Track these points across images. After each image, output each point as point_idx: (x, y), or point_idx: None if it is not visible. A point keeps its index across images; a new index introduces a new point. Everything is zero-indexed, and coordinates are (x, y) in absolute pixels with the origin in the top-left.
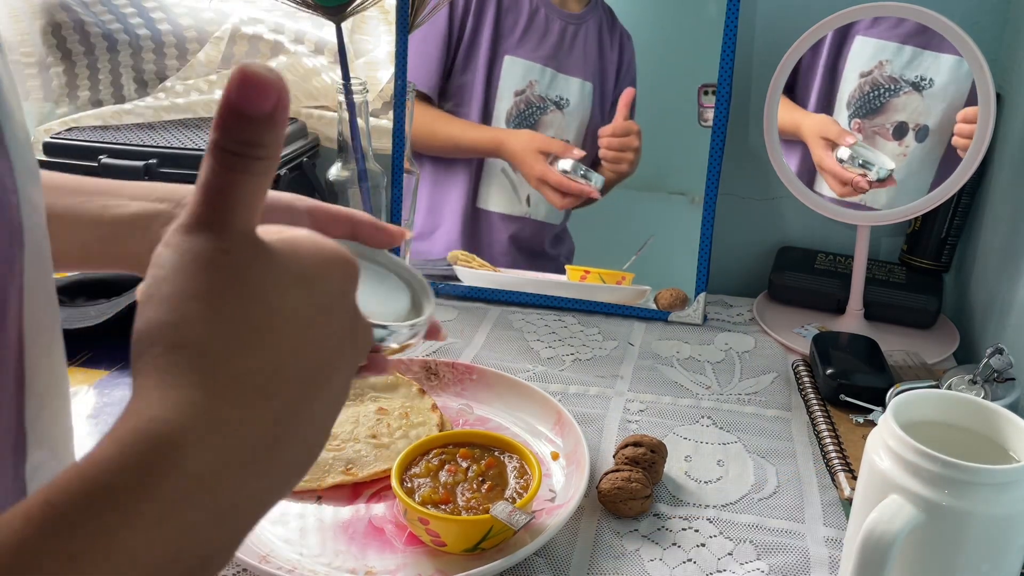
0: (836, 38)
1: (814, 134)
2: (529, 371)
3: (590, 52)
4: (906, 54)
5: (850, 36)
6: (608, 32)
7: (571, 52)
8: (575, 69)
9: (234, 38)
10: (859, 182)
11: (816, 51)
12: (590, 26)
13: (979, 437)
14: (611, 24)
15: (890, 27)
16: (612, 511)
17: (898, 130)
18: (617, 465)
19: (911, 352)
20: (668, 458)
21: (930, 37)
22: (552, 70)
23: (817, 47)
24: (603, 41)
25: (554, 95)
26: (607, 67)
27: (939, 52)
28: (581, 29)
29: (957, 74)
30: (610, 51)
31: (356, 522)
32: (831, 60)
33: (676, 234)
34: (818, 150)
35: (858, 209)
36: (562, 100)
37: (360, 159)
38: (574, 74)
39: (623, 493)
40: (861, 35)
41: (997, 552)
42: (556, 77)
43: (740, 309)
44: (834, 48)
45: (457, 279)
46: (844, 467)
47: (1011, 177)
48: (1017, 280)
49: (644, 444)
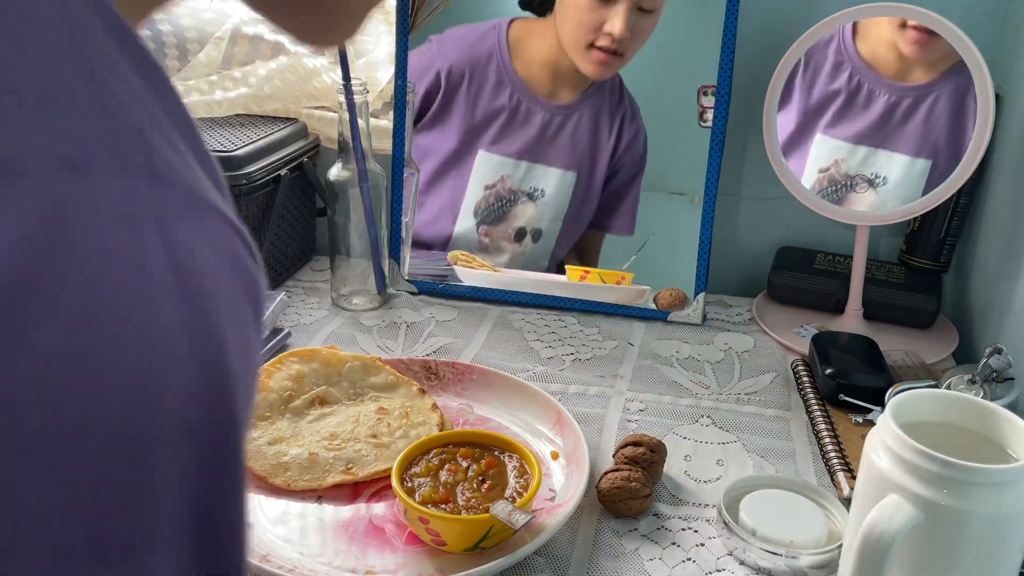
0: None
1: None
2: (529, 371)
3: (579, 140)
4: (860, 153)
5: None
6: (608, 115)
7: (554, 143)
8: (556, 159)
9: (235, 38)
10: None
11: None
12: (583, 114)
13: (978, 437)
14: (614, 106)
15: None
16: (612, 511)
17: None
18: (616, 465)
19: (910, 352)
20: (668, 458)
21: (883, 137)
22: (528, 162)
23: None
24: (598, 127)
25: (527, 187)
26: (599, 153)
27: (892, 151)
28: (571, 119)
29: (911, 172)
30: (607, 137)
31: (356, 521)
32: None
33: (676, 234)
34: None
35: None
36: (536, 191)
37: (360, 159)
38: (554, 164)
39: (622, 493)
40: (820, 132)
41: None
42: (532, 168)
43: (740, 309)
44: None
45: (457, 279)
46: (843, 467)
47: (1010, 177)
48: (1016, 280)
49: (644, 444)
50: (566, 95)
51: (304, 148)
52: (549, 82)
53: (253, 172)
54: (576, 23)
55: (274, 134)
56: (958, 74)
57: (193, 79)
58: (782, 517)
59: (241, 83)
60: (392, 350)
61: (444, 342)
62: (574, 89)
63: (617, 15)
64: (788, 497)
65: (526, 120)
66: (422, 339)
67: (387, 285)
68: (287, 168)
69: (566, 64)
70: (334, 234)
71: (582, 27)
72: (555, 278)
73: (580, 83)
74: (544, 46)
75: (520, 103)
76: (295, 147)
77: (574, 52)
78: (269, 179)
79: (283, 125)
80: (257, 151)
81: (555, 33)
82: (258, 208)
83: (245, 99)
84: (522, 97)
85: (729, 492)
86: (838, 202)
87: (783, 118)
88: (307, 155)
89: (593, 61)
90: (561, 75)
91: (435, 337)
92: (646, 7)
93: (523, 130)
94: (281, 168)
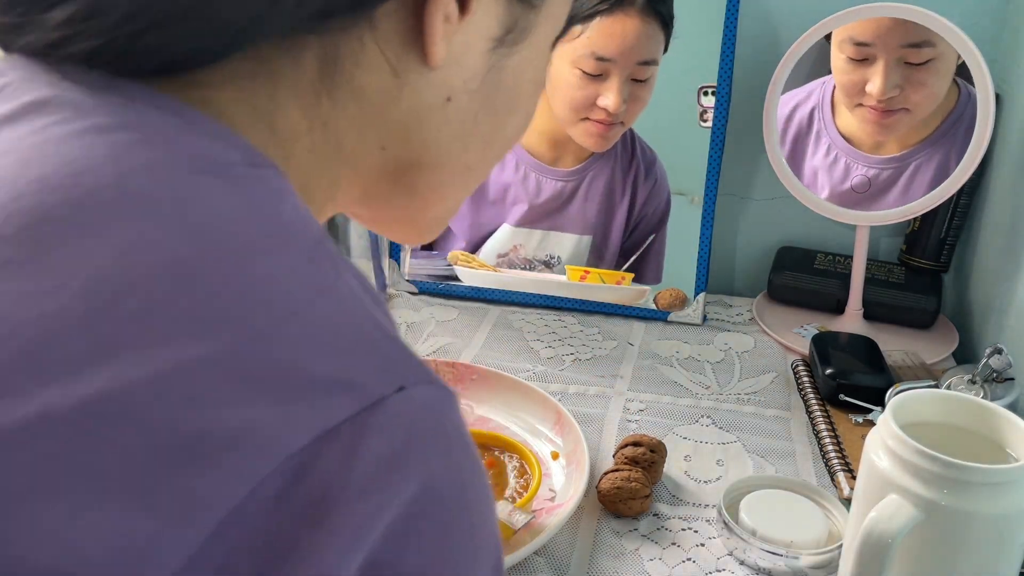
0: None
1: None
2: (529, 371)
3: (591, 205)
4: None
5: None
6: (621, 175)
7: (566, 209)
8: (570, 225)
9: None
10: None
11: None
12: (595, 176)
13: (978, 437)
14: (626, 165)
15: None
16: (612, 511)
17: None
18: (617, 465)
19: (910, 352)
20: (668, 458)
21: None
22: (542, 231)
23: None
24: (611, 189)
25: (543, 255)
26: (614, 214)
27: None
28: (582, 184)
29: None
30: (620, 197)
31: None
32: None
33: (676, 234)
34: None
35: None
36: (552, 259)
37: None
38: (568, 230)
39: (622, 493)
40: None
41: (996, 551)
42: (547, 236)
43: (740, 309)
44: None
45: (457, 279)
46: (843, 467)
47: (1010, 177)
48: (1016, 280)
49: (644, 444)
50: (570, 161)
51: None
52: (551, 151)
53: None
54: (568, 99)
55: None
56: (933, 144)
57: None
58: (782, 517)
59: None
60: None
61: (444, 342)
62: (578, 156)
63: (610, 89)
64: (788, 497)
65: (537, 192)
66: (422, 339)
67: (387, 285)
68: None
69: (564, 134)
70: (334, 234)
71: (575, 103)
72: (555, 278)
73: (583, 150)
74: (540, 119)
75: (528, 174)
76: None
77: (570, 127)
78: None
79: None
80: None
81: (548, 107)
82: None
83: None
84: (529, 168)
85: (729, 492)
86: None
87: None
88: None
89: (591, 133)
90: (561, 144)
91: (435, 337)
92: (639, 78)
93: (534, 200)
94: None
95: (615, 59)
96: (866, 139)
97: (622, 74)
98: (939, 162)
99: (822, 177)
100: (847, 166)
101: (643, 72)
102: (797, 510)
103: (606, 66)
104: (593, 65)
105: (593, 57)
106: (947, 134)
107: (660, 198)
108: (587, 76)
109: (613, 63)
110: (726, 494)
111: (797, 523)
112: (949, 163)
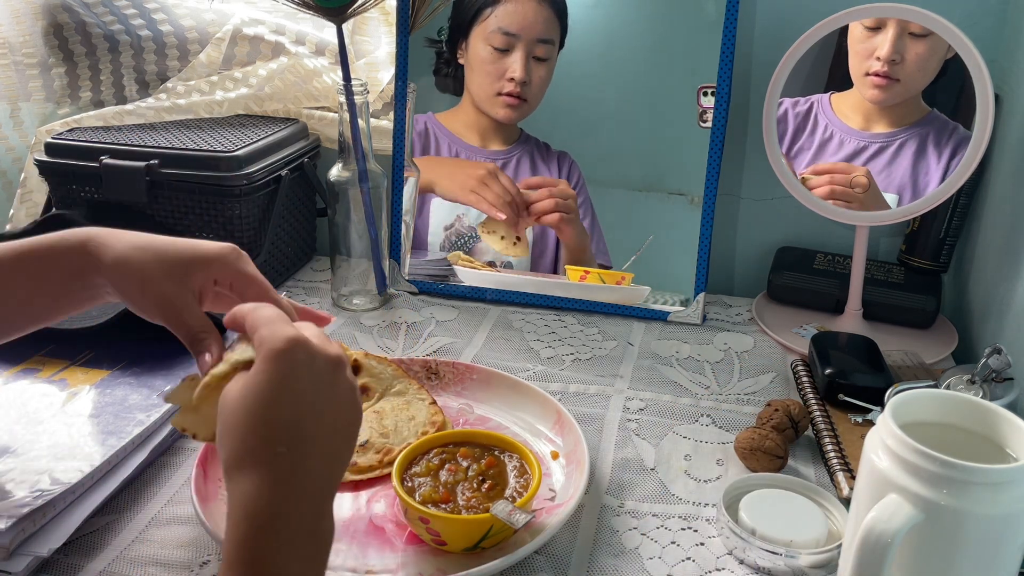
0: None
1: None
2: (529, 371)
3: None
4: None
5: None
6: (543, 159)
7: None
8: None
9: (235, 39)
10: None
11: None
12: (520, 158)
13: (977, 437)
14: (545, 152)
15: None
16: (741, 459)
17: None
18: (759, 425)
19: (909, 352)
20: (667, 458)
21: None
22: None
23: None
24: (537, 169)
25: (479, 222)
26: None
27: None
28: (510, 163)
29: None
30: (547, 174)
31: (356, 521)
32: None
33: (676, 234)
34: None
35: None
36: (487, 226)
37: (361, 160)
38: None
39: (756, 442)
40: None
41: (995, 551)
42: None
43: (739, 309)
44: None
45: (457, 279)
46: (843, 467)
47: (1009, 178)
48: (1015, 280)
49: (784, 410)
50: (497, 143)
51: (304, 148)
52: (480, 140)
53: (254, 172)
54: (483, 74)
55: (275, 134)
56: (920, 126)
57: (194, 79)
58: (782, 517)
59: (242, 83)
60: (392, 350)
61: (444, 342)
62: (504, 140)
63: (516, 61)
64: (788, 497)
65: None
66: (422, 339)
67: (387, 285)
68: (288, 168)
69: (488, 124)
70: (334, 234)
71: (489, 76)
72: (555, 278)
73: (508, 136)
74: (467, 114)
75: (459, 154)
76: (296, 147)
77: (486, 103)
78: (270, 179)
79: (283, 125)
80: (258, 151)
81: (470, 101)
82: (259, 208)
83: (246, 99)
84: (460, 149)
85: (729, 492)
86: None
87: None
88: (307, 155)
89: (504, 105)
90: (487, 134)
91: (435, 337)
92: (540, 55)
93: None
94: (282, 168)
95: (519, 34)
96: (860, 118)
97: (525, 48)
98: (919, 143)
99: (818, 157)
100: (841, 141)
101: (543, 50)
102: (797, 509)
103: (511, 40)
104: (501, 39)
105: (500, 31)
106: (923, 125)
107: (576, 183)
108: (497, 51)
109: (517, 38)
110: (726, 493)
111: (796, 522)
112: (927, 147)
